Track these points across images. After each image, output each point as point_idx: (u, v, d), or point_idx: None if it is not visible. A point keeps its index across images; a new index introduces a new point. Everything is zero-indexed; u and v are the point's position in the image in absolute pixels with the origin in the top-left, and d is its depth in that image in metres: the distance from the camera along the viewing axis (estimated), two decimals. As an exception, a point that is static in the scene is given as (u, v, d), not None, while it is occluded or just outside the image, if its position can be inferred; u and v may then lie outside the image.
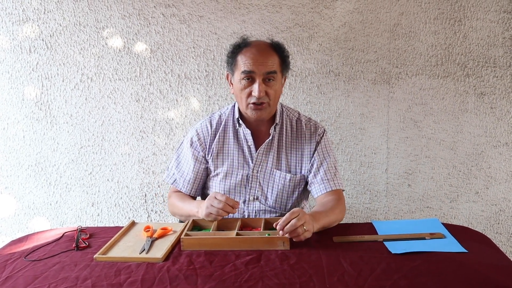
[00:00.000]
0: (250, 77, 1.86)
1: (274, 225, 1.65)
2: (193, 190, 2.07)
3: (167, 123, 3.00)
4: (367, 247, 1.63)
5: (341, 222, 1.91)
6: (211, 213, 1.75)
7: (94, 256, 1.60)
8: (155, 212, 3.10)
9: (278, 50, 1.92)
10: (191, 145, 2.06)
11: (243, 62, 1.87)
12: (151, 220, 3.12)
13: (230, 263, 1.53)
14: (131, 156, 3.06)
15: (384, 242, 1.66)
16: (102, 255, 1.61)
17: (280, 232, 1.61)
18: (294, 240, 1.63)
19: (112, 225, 3.13)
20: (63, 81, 2.99)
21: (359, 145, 2.98)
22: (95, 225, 3.11)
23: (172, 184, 2.11)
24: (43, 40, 2.93)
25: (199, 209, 1.83)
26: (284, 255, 1.58)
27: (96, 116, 3.02)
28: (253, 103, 1.88)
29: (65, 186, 3.12)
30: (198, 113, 2.96)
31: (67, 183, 3.12)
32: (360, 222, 2.94)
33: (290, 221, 1.60)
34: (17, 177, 3.12)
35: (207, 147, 2.04)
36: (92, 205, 3.14)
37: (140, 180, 3.08)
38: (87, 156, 3.07)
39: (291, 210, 1.64)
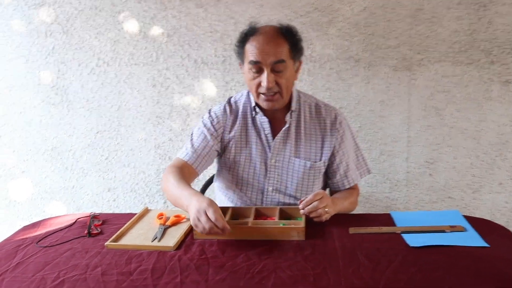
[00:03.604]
0: (258, 67, 1.79)
1: (298, 202, 1.67)
2: (197, 162, 1.92)
3: (183, 109, 2.98)
4: (384, 239, 1.59)
5: (359, 212, 1.88)
6: (196, 226, 1.55)
7: (105, 244, 1.59)
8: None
9: (287, 35, 1.81)
10: (205, 124, 1.98)
11: (250, 52, 1.79)
12: (167, 207, 3.10)
13: (243, 253, 1.50)
14: (148, 141, 3.04)
15: (402, 235, 1.61)
16: (114, 242, 1.60)
17: (301, 211, 1.64)
18: (314, 220, 1.66)
19: (128, 211, 3.13)
20: (79, 65, 2.98)
21: (379, 133, 2.92)
22: (111, 211, 3.13)
23: (181, 156, 1.96)
24: (59, 24, 2.92)
25: (189, 207, 1.61)
26: (298, 245, 1.55)
27: (112, 101, 3.01)
28: (264, 94, 1.81)
29: (81, 171, 3.12)
30: (215, 99, 2.92)
31: (83, 168, 3.12)
32: (378, 212, 2.94)
33: (313, 202, 1.64)
34: (34, 162, 3.13)
35: (224, 129, 1.98)
36: (108, 191, 3.14)
37: (157, 166, 3.06)
38: (103, 141, 3.07)
39: (315, 192, 1.67)
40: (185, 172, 1.87)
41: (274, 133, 1.94)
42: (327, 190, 2.11)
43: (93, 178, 3.13)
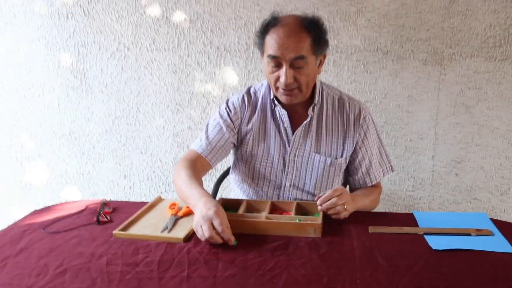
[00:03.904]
0: (276, 62, 1.71)
1: (316, 198, 1.62)
2: (211, 155, 1.86)
3: (204, 97, 2.93)
4: (405, 240, 1.52)
5: (383, 210, 1.84)
6: (197, 231, 1.48)
7: (113, 232, 1.54)
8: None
9: (311, 28, 1.70)
10: (222, 115, 1.92)
11: (269, 45, 1.70)
12: None
13: (255, 248, 1.45)
14: (166, 129, 3.01)
15: (424, 236, 1.54)
16: (122, 231, 1.55)
17: (319, 207, 1.59)
18: (332, 217, 1.62)
19: (143, 199, 3.10)
20: (99, 49, 2.94)
21: (405, 129, 2.83)
22: (127, 198, 3.12)
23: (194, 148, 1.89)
24: (80, 6, 2.89)
25: (194, 209, 1.55)
26: (314, 243, 1.49)
27: (131, 87, 2.97)
28: (283, 89, 1.74)
29: (98, 156, 3.10)
30: (237, 88, 2.87)
31: (100, 154, 3.10)
32: (401, 211, 2.87)
33: (332, 198, 1.58)
34: (50, 145, 3.12)
35: (242, 119, 1.92)
36: (125, 178, 3.11)
37: (174, 154, 3.03)
38: (121, 127, 3.04)
39: (334, 188, 1.62)
40: (198, 165, 1.81)
41: (294, 126, 1.87)
42: (347, 187, 2.05)
43: (109, 164, 3.10)
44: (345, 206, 1.61)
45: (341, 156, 1.88)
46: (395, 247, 1.46)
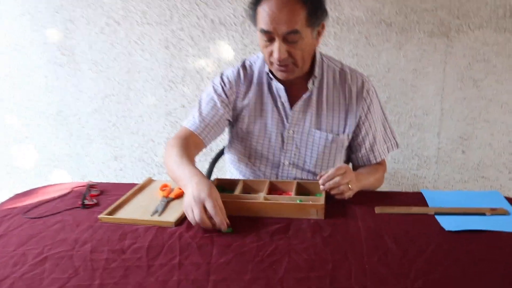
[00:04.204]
0: (269, 36, 1.60)
1: (318, 177, 1.54)
2: (204, 132, 1.76)
3: (197, 73, 2.84)
4: (415, 220, 1.42)
5: (386, 190, 1.74)
6: (187, 214, 1.37)
7: (99, 216, 1.44)
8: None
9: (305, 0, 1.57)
10: (216, 90, 1.82)
11: (261, 18, 1.59)
12: None
13: (253, 232, 1.35)
14: (158, 107, 2.93)
15: (436, 216, 1.45)
16: (108, 215, 1.45)
17: (321, 186, 1.51)
18: (335, 197, 1.54)
19: (135, 181, 2.92)
20: (87, 24, 2.85)
21: (409, 105, 2.76)
22: (118, 180, 3.05)
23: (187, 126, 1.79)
24: (66, -22, 2.78)
25: (185, 189, 1.44)
26: (316, 225, 1.39)
27: (121, 63, 2.89)
28: (277, 64, 1.64)
29: (87, 137, 3.04)
30: (232, 63, 2.77)
31: (89, 134, 3.03)
32: (405, 190, 2.77)
33: (335, 177, 1.51)
34: (37, 126, 3.05)
35: (238, 94, 1.82)
36: (115, 159, 3.05)
37: (167, 134, 2.96)
38: (111, 106, 2.96)
39: (337, 166, 1.54)
40: (190, 144, 1.72)
41: (292, 101, 1.78)
42: (350, 165, 1.96)
43: (99, 145, 3.03)
44: (349, 185, 1.54)
45: (343, 132, 1.79)
46: (404, 228, 1.37)
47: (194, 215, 1.34)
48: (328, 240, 1.30)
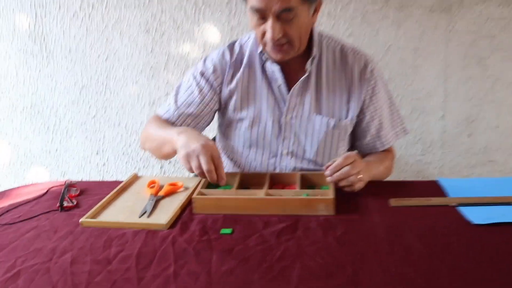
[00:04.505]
0: (261, 15, 1.49)
1: (324, 168, 1.44)
2: (183, 125, 1.71)
3: (182, 58, 2.74)
4: (437, 213, 1.31)
5: (393, 179, 1.66)
6: (188, 161, 1.39)
7: (80, 221, 1.30)
8: (169, 163, 2.89)
9: None
10: (195, 77, 1.73)
11: None
12: (164, 172, 2.90)
13: (257, 233, 1.22)
14: (141, 97, 2.82)
15: (458, 208, 1.33)
16: (90, 218, 1.31)
17: (328, 178, 1.41)
18: (344, 189, 1.43)
19: (119, 176, 2.92)
20: (59, 9, 2.74)
21: (411, 86, 2.68)
22: (101, 177, 2.96)
23: (160, 113, 1.76)
24: (34, -42, 2.66)
25: (180, 136, 1.45)
26: (327, 222, 1.26)
27: (99, 50, 2.79)
28: (271, 45, 1.54)
29: (65, 131, 2.92)
30: (219, 46, 2.62)
31: (67, 128, 2.92)
32: (408, 178, 2.74)
33: (343, 167, 1.40)
34: (10, 121, 2.93)
35: (224, 79, 1.72)
36: (97, 154, 2.95)
37: None
38: (90, 97, 2.85)
39: (345, 154, 1.43)
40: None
41: (290, 84, 1.67)
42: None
43: (79, 139, 2.93)
44: (359, 176, 1.43)
45: (346, 117, 1.69)
46: (426, 222, 1.25)
47: (200, 163, 1.36)
48: (342, 239, 1.18)
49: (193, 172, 1.39)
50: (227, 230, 1.22)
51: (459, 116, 2.72)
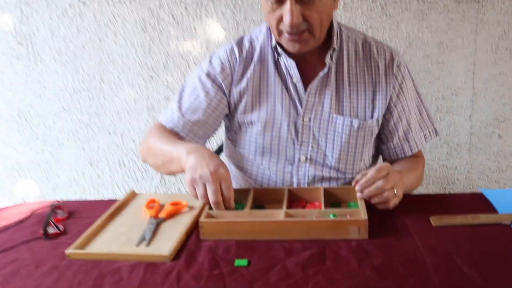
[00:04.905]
0: None
1: (353, 184, 1.34)
2: (185, 131, 1.60)
3: (182, 58, 2.67)
4: (487, 233, 1.17)
5: (429, 192, 1.53)
6: (193, 187, 1.28)
7: (66, 252, 1.14)
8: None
9: None
10: (201, 79, 1.62)
11: None
12: (165, 184, 2.81)
13: (278, 263, 1.06)
14: (138, 101, 2.76)
15: (513, 226, 1.20)
16: (79, 249, 1.16)
17: (359, 193, 1.31)
18: (377, 207, 1.31)
19: (116, 189, 2.85)
20: (47, 6, 2.68)
21: (435, 84, 2.61)
22: (96, 190, 2.88)
23: (163, 121, 1.66)
24: (19, -49, 2.61)
25: (189, 157, 1.32)
26: (361, 249, 1.11)
27: (91, 52, 2.72)
28: (289, 33, 1.44)
29: (56, 141, 2.85)
30: (223, 44, 2.52)
31: (58, 138, 2.85)
32: (432, 184, 2.72)
33: (376, 181, 1.30)
34: None
35: (233, 78, 1.61)
36: (91, 165, 2.86)
37: None
38: (82, 103, 2.78)
39: (377, 166, 1.33)
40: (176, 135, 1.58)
41: (307, 81, 1.57)
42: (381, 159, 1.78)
43: (70, 149, 2.85)
44: (395, 191, 1.31)
45: (371, 117, 1.59)
46: (477, 245, 1.12)
47: (209, 193, 1.25)
48: (382, 269, 1.02)
49: (198, 199, 1.28)
50: (243, 262, 1.06)
51: (489, 116, 2.65)
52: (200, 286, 0.98)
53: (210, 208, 1.27)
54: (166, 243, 1.16)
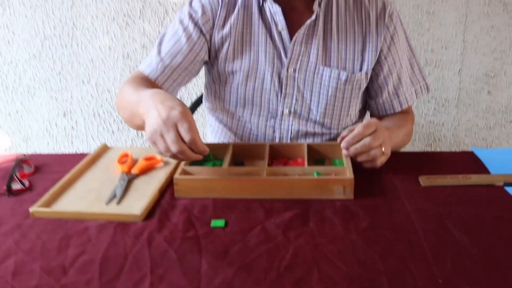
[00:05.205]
0: None
1: (338, 140, 1.26)
2: (164, 78, 1.49)
3: (160, 4, 2.58)
4: (478, 195, 1.13)
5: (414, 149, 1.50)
6: (155, 144, 1.10)
7: (30, 210, 1.08)
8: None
9: None
10: (182, 21, 1.53)
11: None
12: (142, 136, 2.74)
13: (258, 225, 1.01)
14: (113, 49, 2.68)
15: (507, 188, 1.15)
16: (44, 207, 1.09)
17: (344, 151, 1.23)
18: (364, 166, 1.25)
19: (91, 141, 2.79)
20: None
21: (425, 36, 2.56)
22: (70, 142, 2.81)
23: (141, 69, 1.54)
24: None
25: (149, 110, 1.13)
26: (346, 210, 1.06)
27: None
28: None
29: (27, 90, 2.77)
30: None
31: (29, 87, 2.76)
32: (418, 141, 2.66)
33: (363, 138, 1.22)
34: None
35: (215, 23, 1.52)
36: (64, 115, 2.80)
37: None
38: (54, 50, 2.69)
39: (364, 122, 1.25)
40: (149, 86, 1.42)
41: (292, 29, 1.50)
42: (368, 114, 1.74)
43: (42, 99, 2.77)
44: (383, 149, 1.25)
45: (360, 70, 1.53)
46: (469, 208, 1.07)
47: (167, 144, 1.06)
48: (369, 234, 0.97)
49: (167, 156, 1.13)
50: (219, 222, 1.00)
51: (479, 71, 2.60)
52: (173, 249, 0.91)
53: (191, 164, 1.20)
54: (138, 202, 1.10)
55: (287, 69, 1.50)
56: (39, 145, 2.78)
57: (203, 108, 1.82)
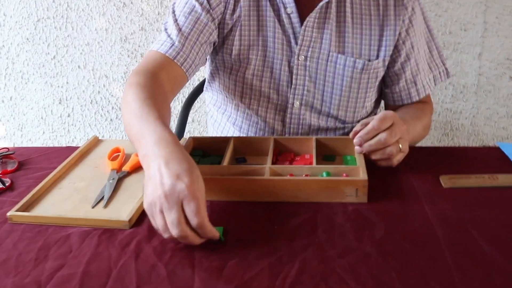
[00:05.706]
0: None
1: (350, 136, 1.20)
2: (185, 55, 1.34)
3: None
4: (509, 199, 1.05)
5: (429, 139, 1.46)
6: (152, 218, 0.89)
7: (8, 215, 1.00)
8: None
9: None
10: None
11: None
12: None
13: (259, 234, 0.93)
14: (110, 32, 2.60)
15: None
16: (22, 212, 1.01)
17: (357, 147, 1.16)
18: (379, 164, 1.18)
19: (88, 129, 2.73)
20: None
21: (442, 18, 2.45)
22: (66, 130, 2.75)
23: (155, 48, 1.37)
24: None
25: (150, 165, 0.93)
26: (359, 216, 0.98)
27: None
28: None
29: (20, 76, 2.70)
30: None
31: (22, 72, 2.70)
32: (434, 130, 2.56)
33: (379, 133, 1.14)
34: None
35: (226, 7, 1.43)
36: (60, 102, 2.73)
37: (124, 67, 2.65)
38: (48, 33, 2.62)
39: (380, 115, 1.16)
40: (162, 80, 1.27)
41: (304, 13, 1.43)
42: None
43: (37, 85, 2.71)
44: (400, 145, 1.17)
45: (377, 57, 1.46)
46: (496, 214, 0.99)
47: (169, 223, 0.86)
48: (384, 245, 0.89)
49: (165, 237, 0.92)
50: (217, 230, 0.91)
51: (500, 55, 2.51)
52: (163, 264, 0.83)
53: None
54: (126, 205, 1.02)
55: (298, 57, 1.44)
56: (35, 133, 2.74)
57: (203, 101, 1.74)
